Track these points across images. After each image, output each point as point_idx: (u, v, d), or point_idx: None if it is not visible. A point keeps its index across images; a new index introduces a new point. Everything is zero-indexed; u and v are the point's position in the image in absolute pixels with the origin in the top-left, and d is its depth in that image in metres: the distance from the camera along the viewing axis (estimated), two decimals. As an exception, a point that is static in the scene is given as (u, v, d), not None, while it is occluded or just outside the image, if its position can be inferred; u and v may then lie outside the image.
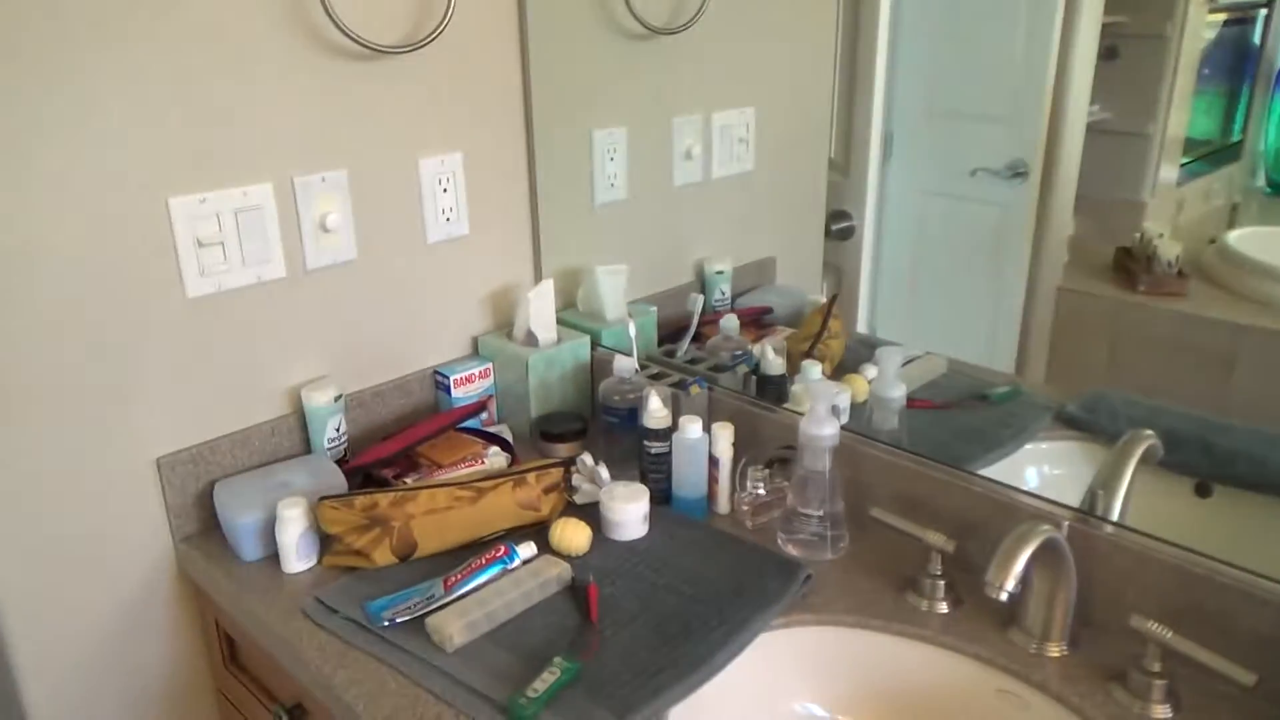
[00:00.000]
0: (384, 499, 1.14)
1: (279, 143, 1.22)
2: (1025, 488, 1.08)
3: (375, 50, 1.26)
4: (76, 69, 1.04)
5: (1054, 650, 0.97)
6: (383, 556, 1.13)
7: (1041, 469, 1.09)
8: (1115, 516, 1.01)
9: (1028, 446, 1.10)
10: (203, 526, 1.25)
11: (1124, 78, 0.98)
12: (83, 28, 1.04)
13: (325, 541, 1.17)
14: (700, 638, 1.00)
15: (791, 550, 1.16)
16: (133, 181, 1.11)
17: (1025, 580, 0.97)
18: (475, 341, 1.51)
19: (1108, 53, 0.98)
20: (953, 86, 1.11)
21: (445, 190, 1.41)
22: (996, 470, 1.11)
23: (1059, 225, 1.06)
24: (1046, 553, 0.93)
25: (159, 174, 1.13)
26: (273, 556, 1.17)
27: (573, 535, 1.15)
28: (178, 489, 1.21)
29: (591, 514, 1.20)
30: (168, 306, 1.17)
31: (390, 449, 1.29)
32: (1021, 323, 1.10)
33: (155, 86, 1.10)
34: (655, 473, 1.25)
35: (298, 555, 1.15)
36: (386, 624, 1.03)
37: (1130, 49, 0.97)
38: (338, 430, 1.31)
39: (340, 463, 1.29)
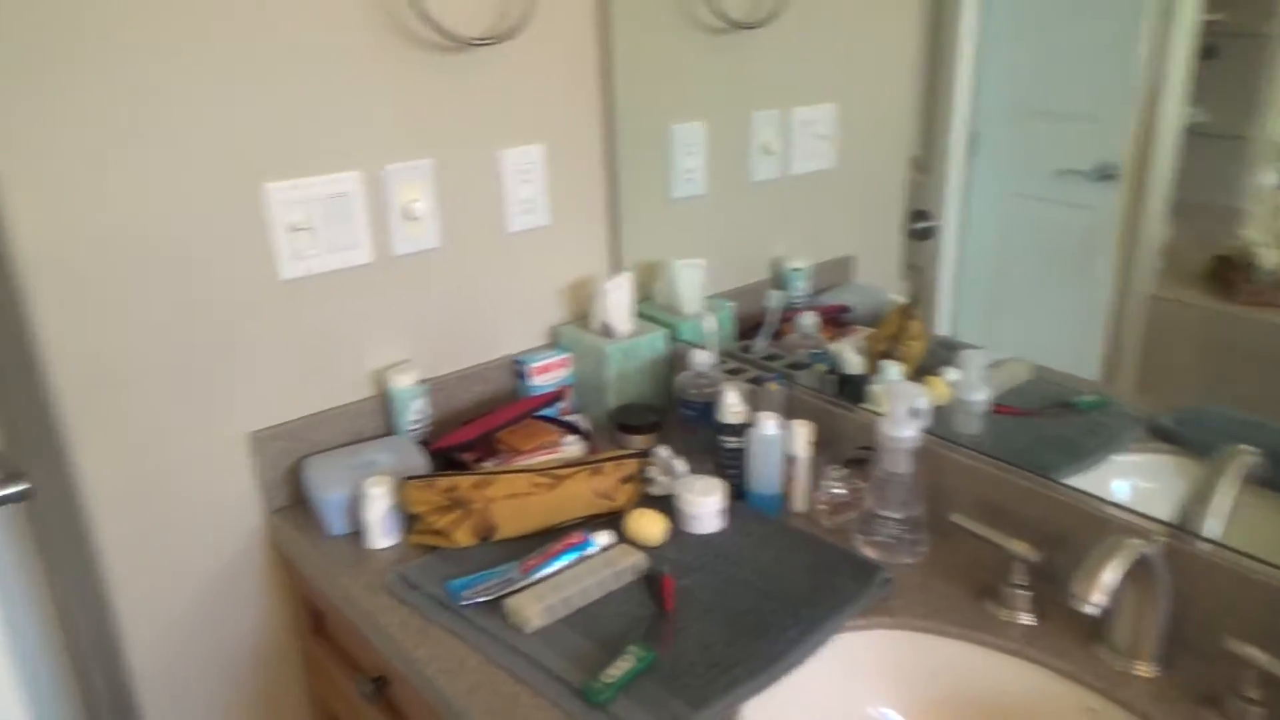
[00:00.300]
0: (465, 481, 1.16)
1: (368, 132, 1.25)
2: (1114, 500, 1.05)
3: (461, 42, 1.28)
4: (181, 58, 1.08)
5: (1143, 669, 0.95)
6: (463, 537, 1.16)
7: (1131, 482, 1.07)
8: (1212, 534, 0.98)
9: (1116, 458, 1.08)
10: (292, 500, 1.29)
11: (1223, 78, 0.95)
12: (187, 20, 1.08)
13: (408, 520, 1.20)
14: (775, 635, 1.00)
15: (869, 552, 1.15)
16: (232, 167, 1.15)
17: (1114, 595, 0.95)
18: (553, 331, 1.53)
19: (1206, 52, 0.96)
20: (1041, 84, 1.09)
21: (527, 181, 1.43)
22: (1083, 481, 1.08)
23: (1151, 231, 1.03)
24: (1137, 568, 0.91)
25: (255, 160, 1.17)
26: (358, 532, 1.20)
27: (648, 526, 1.16)
28: (269, 463, 1.26)
29: (667, 506, 1.21)
30: (262, 288, 1.21)
31: (470, 433, 1.31)
32: (1110, 330, 1.08)
33: (252, 75, 1.14)
34: (731, 468, 1.25)
35: (382, 532, 1.18)
36: (466, 603, 1.06)
37: (1230, 48, 0.94)
38: (420, 413, 1.34)
39: (422, 445, 1.32)
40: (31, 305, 1.05)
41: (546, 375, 1.46)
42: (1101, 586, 0.86)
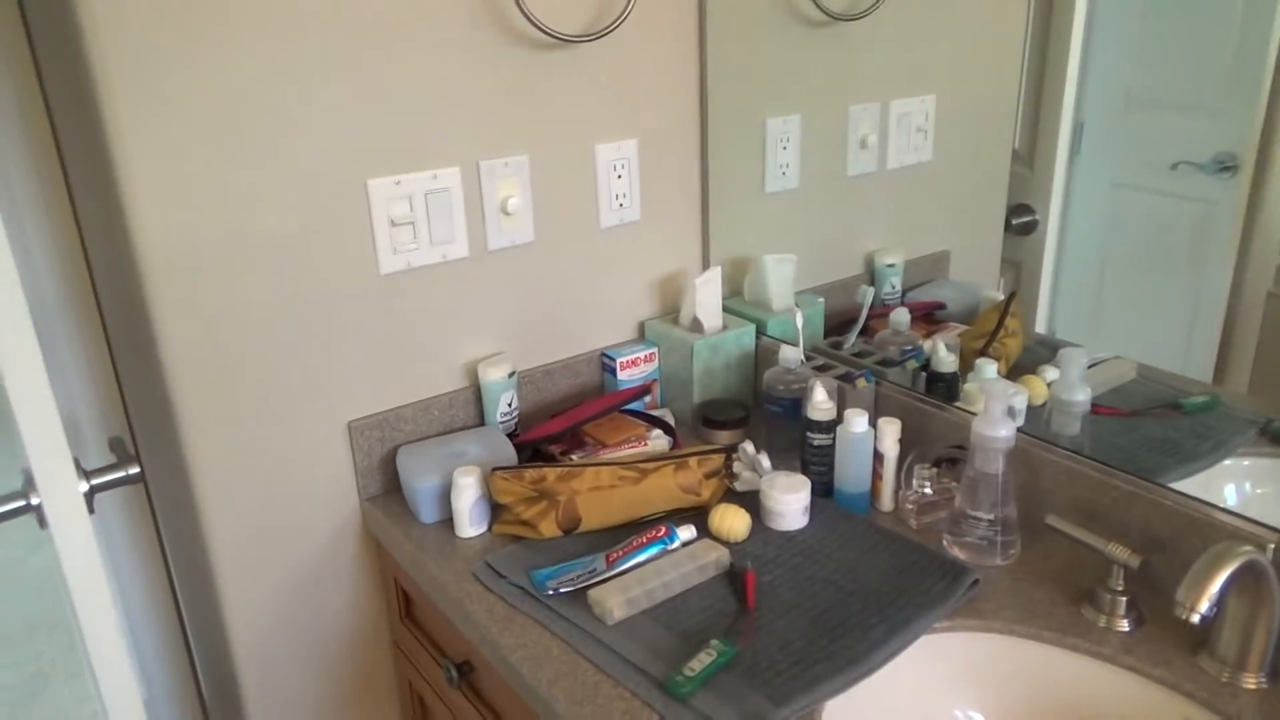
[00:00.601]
0: (552, 473, 1.18)
1: (467, 128, 1.28)
2: (1223, 505, 1.00)
3: (560, 39, 1.30)
4: (291, 56, 1.13)
5: (1250, 681, 0.90)
6: (548, 528, 1.18)
7: (1242, 487, 1.01)
8: (1328, 543, 0.93)
9: (1227, 462, 1.03)
10: (385, 488, 1.34)
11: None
12: (298, 21, 1.12)
13: (496, 510, 1.23)
14: (860, 634, 0.99)
15: (958, 553, 1.12)
16: (338, 164, 1.19)
17: (1220, 603, 0.90)
18: (641, 326, 1.54)
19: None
20: (1156, 71, 1.04)
21: (620, 176, 1.44)
22: (1190, 485, 1.03)
23: (1271, 225, 0.97)
24: (1247, 575, 0.86)
25: (360, 157, 1.21)
26: (447, 521, 1.23)
27: (732, 521, 1.16)
28: (365, 452, 1.30)
29: (751, 502, 1.20)
30: (363, 283, 1.25)
31: (558, 426, 1.33)
32: (1223, 329, 1.03)
33: (360, 73, 1.18)
34: (817, 465, 1.24)
35: (470, 521, 1.21)
36: (551, 593, 1.07)
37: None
38: (510, 405, 1.37)
39: (511, 436, 1.35)
40: (151, 300, 1.11)
41: (634, 369, 1.47)
42: (1210, 595, 0.82)
